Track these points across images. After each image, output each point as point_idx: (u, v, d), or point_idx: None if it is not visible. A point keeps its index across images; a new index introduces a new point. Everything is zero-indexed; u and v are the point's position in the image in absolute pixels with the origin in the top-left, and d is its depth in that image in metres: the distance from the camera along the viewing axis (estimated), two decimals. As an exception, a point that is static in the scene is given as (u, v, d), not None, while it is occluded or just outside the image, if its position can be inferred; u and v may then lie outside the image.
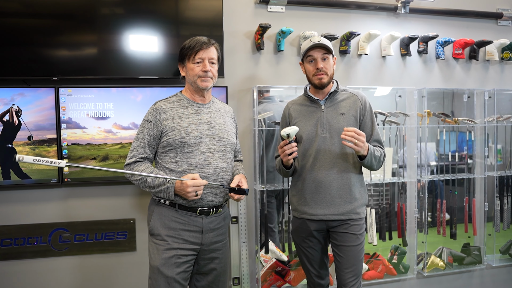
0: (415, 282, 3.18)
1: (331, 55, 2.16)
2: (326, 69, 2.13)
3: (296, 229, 2.25)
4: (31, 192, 2.61)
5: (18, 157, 1.60)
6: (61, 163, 1.69)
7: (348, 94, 2.23)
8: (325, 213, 2.13)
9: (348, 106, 2.18)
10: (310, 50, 2.13)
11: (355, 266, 2.11)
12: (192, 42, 1.97)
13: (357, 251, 2.12)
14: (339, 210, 2.12)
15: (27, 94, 2.49)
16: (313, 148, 2.14)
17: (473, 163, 3.30)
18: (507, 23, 3.39)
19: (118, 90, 2.60)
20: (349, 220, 2.13)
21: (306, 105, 2.24)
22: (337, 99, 2.20)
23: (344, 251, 2.12)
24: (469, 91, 3.27)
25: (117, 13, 2.61)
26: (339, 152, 2.13)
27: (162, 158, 1.98)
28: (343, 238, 2.13)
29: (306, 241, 2.21)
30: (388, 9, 3.10)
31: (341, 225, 2.13)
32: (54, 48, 2.51)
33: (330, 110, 2.18)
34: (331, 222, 2.14)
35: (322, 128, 2.15)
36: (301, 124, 2.19)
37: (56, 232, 2.63)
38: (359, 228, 2.15)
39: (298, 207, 2.22)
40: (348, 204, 2.13)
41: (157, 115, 1.96)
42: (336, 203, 2.13)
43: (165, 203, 1.95)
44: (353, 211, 2.14)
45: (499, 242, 3.34)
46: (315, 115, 2.19)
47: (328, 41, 2.19)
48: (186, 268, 1.92)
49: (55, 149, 2.53)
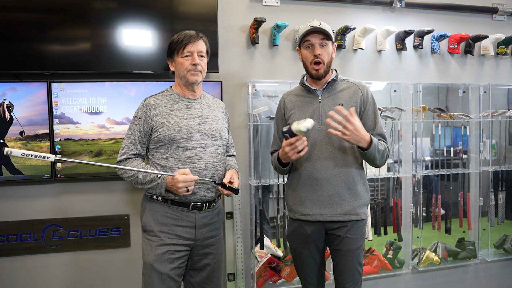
0: (410, 277, 3.19)
1: (331, 41, 1.99)
2: (323, 56, 1.96)
3: (292, 233, 2.09)
4: (24, 188, 2.58)
5: (7, 150, 1.58)
6: (50, 157, 1.66)
7: (348, 84, 2.05)
8: (321, 213, 1.97)
9: (348, 96, 2.01)
10: (307, 35, 1.96)
11: (353, 272, 1.96)
12: (180, 36, 1.95)
13: (355, 255, 1.97)
14: (337, 210, 1.96)
15: (19, 88, 2.46)
16: (309, 141, 1.96)
17: (468, 158, 3.30)
18: (503, 17, 3.39)
19: (112, 84, 2.58)
20: (348, 222, 1.97)
21: (302, 95, 2.08)
22: (336, 89, 2.03)
23: (342, 256, 1.97)
24: (464, 86, 3.27)
25: (111, 7, 2.58)
26: (337, 146, 1.97)
27: (153, 155, 1.96)
28: (340, 242, 1.97)
29: (303, 246, 2.05)
30: (383, 3, 3.08)
31: (339, 228, 1.97)
32: (46, 42, 2.48)
33: (327, 100, 2.01)
34: (329, 223, 1.98)
35: (318, 120, 1.99)
36: (296, 116, 2.03)
37: (49, 228, 2.61)
38: (359, 230, 1.99)
39: (293, 207, 2.06)
40: (347, 203, 1.97)
41: (147, 111, 1.94)
42: (334, 202, 1.96)
43: (158, 199, 1.93)
44: (353, 212, 1.97)
45: (493, 236, 3.36)
46: (312, 106, 2.03)
47: (329, 26, 2.01)
48: (180, 264, 1.91)
49: (47, 145, 2.51)
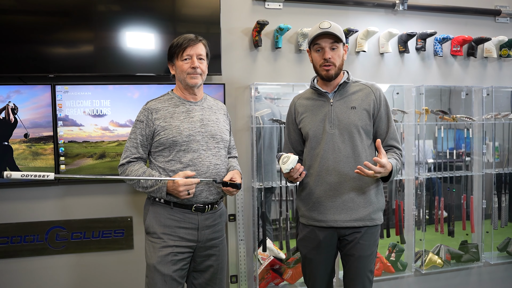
0: (413, 279, 3.18)
1: (342, 43, 1.92)
2: (334, 60, 1.90)
3: (303, 238, 2.03)
4: (28, 190, 2.60)
5: (6, 174, 1.61)
6: (50, 175, 1.68)
7: (360, 86, 2.00)
8: (335, 219, 1.92)
9: (360, 99, 1.95)
10: (317, 38, 1.90)
11: (363, 278, 1.92)
12: (179, 39, 1.96)
13: (367, 262, 1.92)
14: (351, 216, 1.90)
15: (23, 91, 2.48)
16: (321, 146, 1.93)
17: (471, 160, 3.30)
18: (506, 20, 3.38)
19: (115, 87, 2.59)
20: (363, 227, 1.91)
21: (313, 98, 2.02)
22: (348, 91, 1.98)
23: (353, 262, 1.92)
24: (467, 88, 3.27)
25: (114, 10, 2.59)
26: (350, 150, 1.92)
27: (156, 158, 1.97)
28: (353, 248, 1.92)
29: (313, 253, 1.99)
30: (386, 6, 3.09)
31: (352, 233, 1.92)
32: (50, 45, 2.50)
33: (339, 103, 1.95)
34: (343, 230, 1.93)
35: (330, 124, 1.93)
36: (308, 119, 1.99)
37: (53, 230, 2.62)
38: (373, 236, 1.94)
39: (305, 213, 2.01)
40: (362, 208, 1.91)
41: (149, 115, 1.95)
42: (348, 207, 1.91)
43: (160, 202, 1.94)
44: (368, 217, 1.92)
45: (496, 239, 3.34)
46: (323, 109, 1.97)
47: (339, 27, 1.95)
48: (183, 265, 1.92)
49: (51, 147, 2.52)
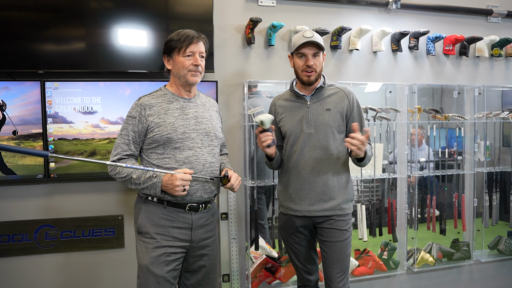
0: (405, 278, 3.20)
1: (322, 51, 2.12)
2: (316, 66, 2.09)
3: (283, 226, 2.25)
4: (16, 188, 2.55)
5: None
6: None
7: (334, 90, 2.19)
8: (309, 210, 2.13)
9: (334, 101, 2.15)
10: (301, 47, 2.08)
11: (341, 262, 2.10)
12: (181, 35, 1.92)
13: (343, 246, 2.11)
14: (323, 207, 2.12)
15: (12, 87, 2.43)
16: (298, 144, 2.13)
17: (463, 159, 3.31)
18: (497, 19, 3.41)
19: (106, 84, 2.56)
20: (334, 216, 2.12)
21: (292, 100, 2.21)
22: (323, 94, 2.17)
23: (330, 247, 2.11)
24: (459, 87, 3.28)
25: (106, 6, 2.56)
26: (324, 149, 2.11)
27: (148, 155, 1.93)
28: (328, 233, 2.12)
29: (293, 237, 2.21)
30: (379, 4, 3.09)
31: (326, 221, 2.13)
32: (40, 41, 2.45)
33: (315, 105, 2.15)
34: (316, 218, 2.14)
35: (307, 124, 2.13)
36: (287, 120, 2.18)
37: (42, 229, 2.58)
38: (345, 223, 2.14)
39: (283, 203, 2.22)
40: (332, 200, 2.12)
41: (142, 110, 1.91)
42: (320, 199, 2.12)
43: (153, 200, 1.91)
44: (338, 207, 2.13)
45: (487, 237, 3.37)
46: (301, 111, 2.16)
47: (320, 36, 2.15)
48: (176, 266, 1.89)
49: (41, 144, 2.48)
